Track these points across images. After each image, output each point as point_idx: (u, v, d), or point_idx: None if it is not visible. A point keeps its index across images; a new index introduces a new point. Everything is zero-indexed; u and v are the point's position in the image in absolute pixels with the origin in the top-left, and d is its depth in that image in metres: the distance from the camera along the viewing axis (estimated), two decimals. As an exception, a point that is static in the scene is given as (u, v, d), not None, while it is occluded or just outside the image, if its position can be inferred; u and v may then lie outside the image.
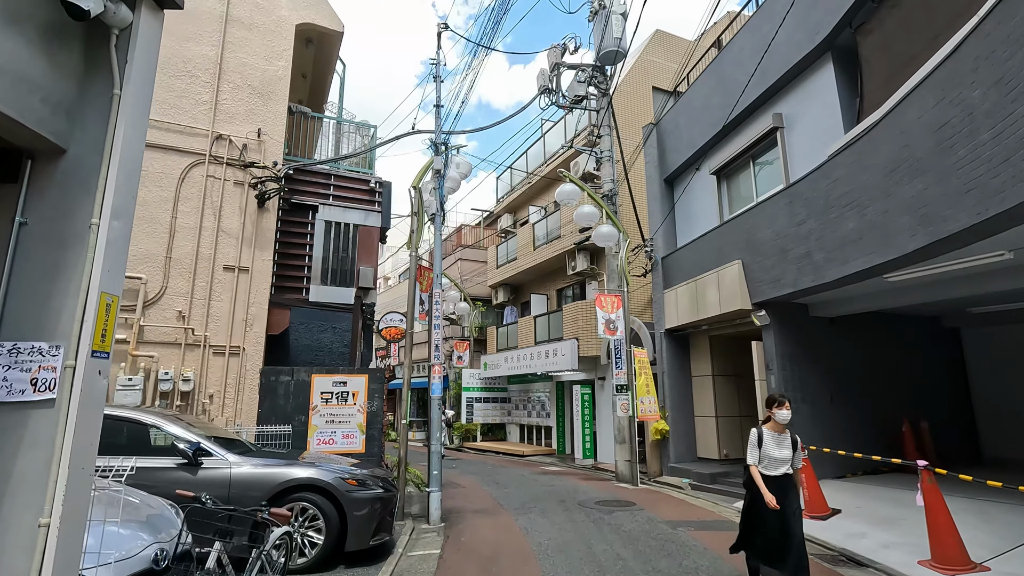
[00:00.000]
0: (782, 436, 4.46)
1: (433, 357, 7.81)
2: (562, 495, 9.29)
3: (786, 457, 4.41)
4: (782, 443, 4.43)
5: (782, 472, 4.39)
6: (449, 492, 9.68)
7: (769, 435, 4.46)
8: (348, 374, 7.66)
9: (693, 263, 10.89)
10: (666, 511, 7.87)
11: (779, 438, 4.45)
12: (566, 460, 14.94)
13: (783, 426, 4.48)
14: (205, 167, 8.61)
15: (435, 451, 7.47)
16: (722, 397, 11.08)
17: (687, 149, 11.40)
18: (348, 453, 7.45)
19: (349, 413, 7.57)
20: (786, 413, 4.44)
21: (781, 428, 4.48)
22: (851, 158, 6.78)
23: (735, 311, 9.29)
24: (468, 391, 19.15)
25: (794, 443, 4.49)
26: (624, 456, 11.01)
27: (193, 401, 7.91)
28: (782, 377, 8.68)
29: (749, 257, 9.02)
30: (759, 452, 4.44)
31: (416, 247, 8.26)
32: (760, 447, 4.44)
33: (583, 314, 14.43)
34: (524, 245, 17.91)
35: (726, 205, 10.53)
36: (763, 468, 4.40)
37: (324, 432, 7.47)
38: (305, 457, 6.11)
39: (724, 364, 11.30)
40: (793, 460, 4.46)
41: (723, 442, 10.86)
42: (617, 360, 11.25)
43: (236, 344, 8.29)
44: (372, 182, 10.89)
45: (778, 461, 4.38)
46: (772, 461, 4.39)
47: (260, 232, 8.81)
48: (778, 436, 4.45)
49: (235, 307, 8.41)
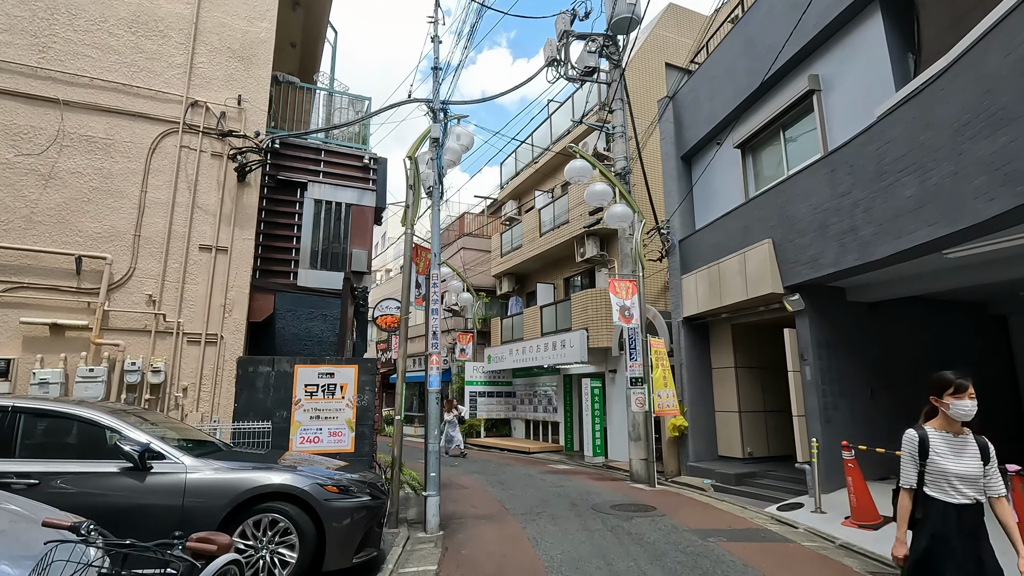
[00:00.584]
0: (961, 440, 2.88)
1: (431, 346, 6.99)
2: (573, 498, 8.48)
3: (972, 473, 2.80)
4: (962, 450, 2.86)
5: (968, 499, 2.79)
6: (450, 494, 8.89)
7: (939, 438, 2.90)
8: (335, 364, 6.86)
9: (714, 245, 10.02)
10: (691, 517, 7.04)
11: (956, 443, 2.88)
12: (574, 458, 14.14)
13: (960, 425, 2.91)
14: (178, 136, 7.79)
15: (433, 451, 6.66)
16: (746, 391, 10.23)
17: (707, 122, 10.50)
18: (335, 453, 6.66)
19: (337, 408, 6.77)
20: (969, 404, 2.83)
21: (958, 427, 2.91)
22: (909, 115, 5.89)
23: (764, 296, 8.43)
24: (471, 385, 18.36)
25: (983, 450, 2.86)
26: (639, 454, 10.18)
27: (164, 395, 7.12)
28: (819, 368, 7.82)
29: (781, 235, 8.15)
30: (922, 467, 2.90)
31: (412, 223, 7.43)
32: (924, 458, 2.89)
33: (593, 303, 13.59)
34: (529, 230, 17.06)
35: (752, 181, 9.64)
36: (935, 491, 2.85)
37: (308, 429, 6.67)
38: (285, 459, 5.32)
39: (748, 355, 10.44)
40: (987, 479, 2.82)
41: (747, 439, 10.01)
42: (631, 351, 10.41)
43: (213, 332, 7.50)
44: (366, 158, 10.05)
45: (959, 480, 2.80)
46: (948, 480, 2.82)
47: (240, 209, 8.00)
48: (954, 440, 2.88)
49: (212, 291, 7.60)
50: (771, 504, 7.76)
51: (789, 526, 6.57)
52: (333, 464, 5.43)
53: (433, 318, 7.07)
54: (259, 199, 8.44)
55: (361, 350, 9.70)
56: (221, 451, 5.10)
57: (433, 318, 7.07)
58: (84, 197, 7.25)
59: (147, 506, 4.12)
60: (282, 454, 5.72)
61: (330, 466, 5.25)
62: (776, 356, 10.84)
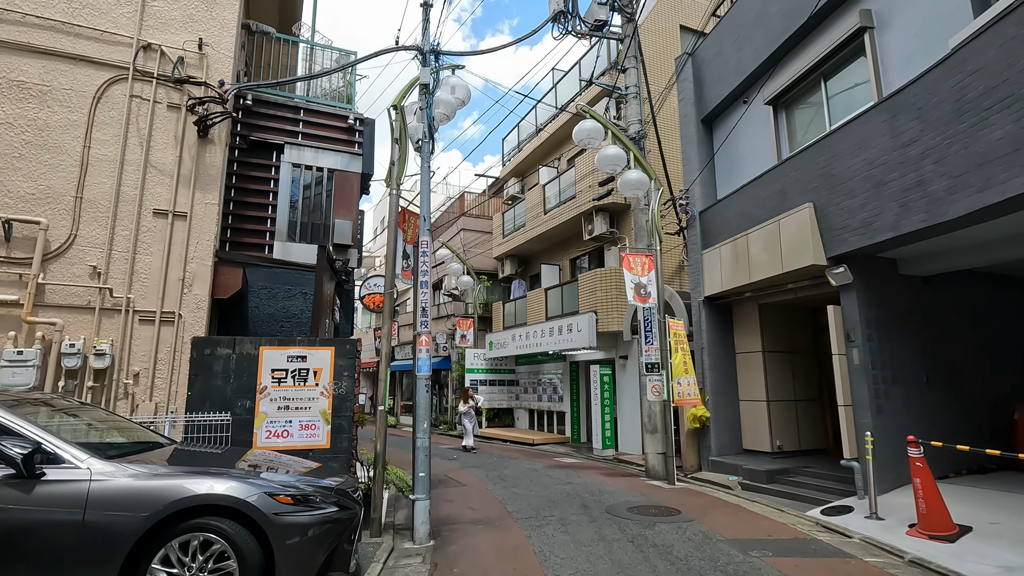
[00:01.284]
0: None
1: (419, 324, 5.98)
2: (584, 497, 7.50)
3: None
4: None
5: None
6: (445, 493, 7.93)
7: None
8: (308, 346, 5.85)
9: (740, 215, 8.94)
10: (724, 524, 6.05)
11: None
12: (582, 450, 13.18)
13: None
14: (128, 84, 6.74)
15: (422, 448, 5.67)
16: (775, 378, 9.20)
17: (733, 77, 9.37)
18: (308, 450, 5.68)
19: (309, 397, 5.78)
20: None
21: None
22: (1003, 36, 4.78)
23: (802, 269, 7.37)
24: (472, 373, 17.39)
25: None
26: (656, 448, 9.19)
27: (111, 382, 6.14)
28: (868, 350, 6.77)
29: (824, 198, 7.07)
30: None
31: (397, 183, 6.38)
32: None
33: (602, 284, 12.54)
34: (533, 207, 15.98)
35: (785, 140, 8.53)
36: None
37: (276, 422, 5.68)
38: (246, 460, 4.38)
39: (777, 338, 9.40)
40: None
41: (776, 432, 9.00)
42: (647, 334, 9.38)
43: (170, 310, 6.51)
44: (351, 119, 8.99)
45: None
46: None
47: (202, 169, 6.96)
48: None
49: (168, 263, 6.60)
50: (812, 506, 6.76)
51: (841, 535, 5.57)
52: (304, 466, 4.47)
53: (422, 292, 6.05)
54: (226, 160, 7.43)
55: (347, 333, 8.69)
56: (155, 451, 4.12)
57: (422, 292, 6.05)
58: (15, 152, 6.22)
59: (34, 524, 3.14)
60: (243, 453, 4.76)
61: (300, 469, 4.30)
62: (808, 339, 9.83)
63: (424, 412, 5.80)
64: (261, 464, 4.40)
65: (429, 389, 5.92)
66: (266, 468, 4.23)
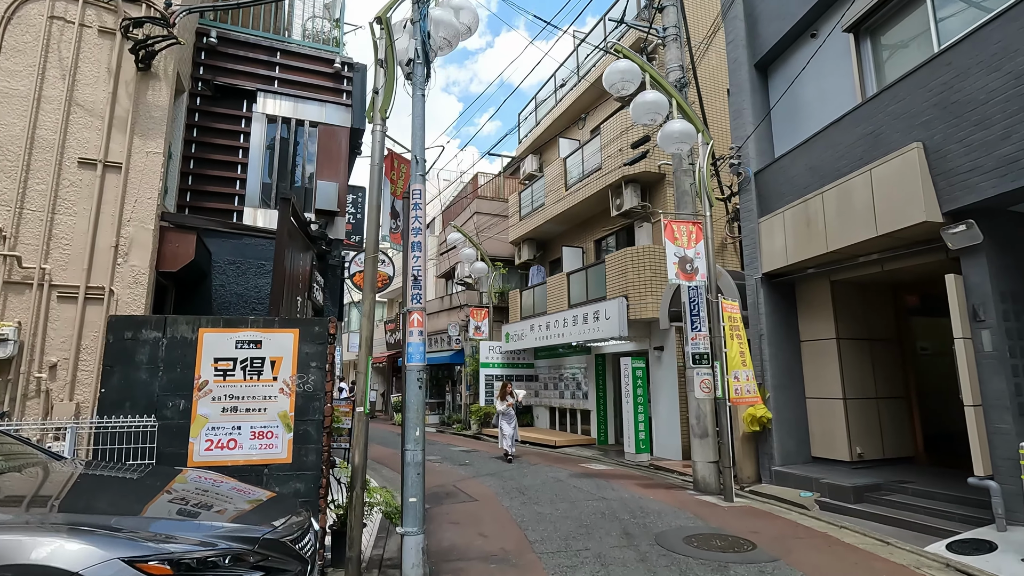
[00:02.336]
0: None
1: (410, 298, 4.51)
2: (624, 520, 5.98)
3: None
4: None
5: None
6: (451, 511, 6.47)
7: None
8: (264, 327, 4.42)
9: (811, 171, 7.31)
10: (822, 566, 4.48)
11: None
12: (609, 453, 11.64)
13: None
14: (46, 2, 5.37)
15: (413, 463, 4.20)
16: (852, 371, 7.55)
17: (798, 6, 7.71)
18: (261, 465, 4.25)
19: (265, 395, 4.35)
20: None
21: None
22: None
23: (906, 230, 5.72)
24: (487, 367, 15.93)
25: None
26: (707, 455, 7.62)
27: (18, 375, 4.78)
28: (1004, 332, 5.12)
29: (940, 134, 5.42)
30: None
31: (383, 116, 4.89)
32: None
33: (634, 264, 10.96)
34: (553, 181, 14.42)
35: (871, 73, 6.86)
36: None
37: (220, 428, 4.26)
38: (173, 489, 3.03)
39: (854, 323, 7.74)
40: None
41: (855, 436, 7.36)
42: (693, 318, 7.81)
43: (98, 284, 5.13)
44: (338, 62, 7.56)
45: None
46: None
47: (143, 110, 5.57)
48: None
49: (98, 225, 5.22)
50: (929, 537, 5.15)
51: (996, 588, 3.98)
52: (250, 499, 3.14)
53: (413, 256, 4.57)
54: (168, 96, 6.03)
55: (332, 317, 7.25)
56: (20, 479, 2.74)
57: (413, 256, 4.57)
58: None
59: None
60: (170, 477, 3.38)
61: (242, 505, 2.98)
62: (890, 324, 8.14)
63: (417, 415, 4.33)
64: (190, 498, 3.04)
65: (424, 385, 4.45)
66: (197, 500, 2.88)
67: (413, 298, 4.49)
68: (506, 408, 10.92)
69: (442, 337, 18.76)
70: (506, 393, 11.19)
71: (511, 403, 10.99)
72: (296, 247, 5.41)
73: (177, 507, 2.96)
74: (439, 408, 20.63)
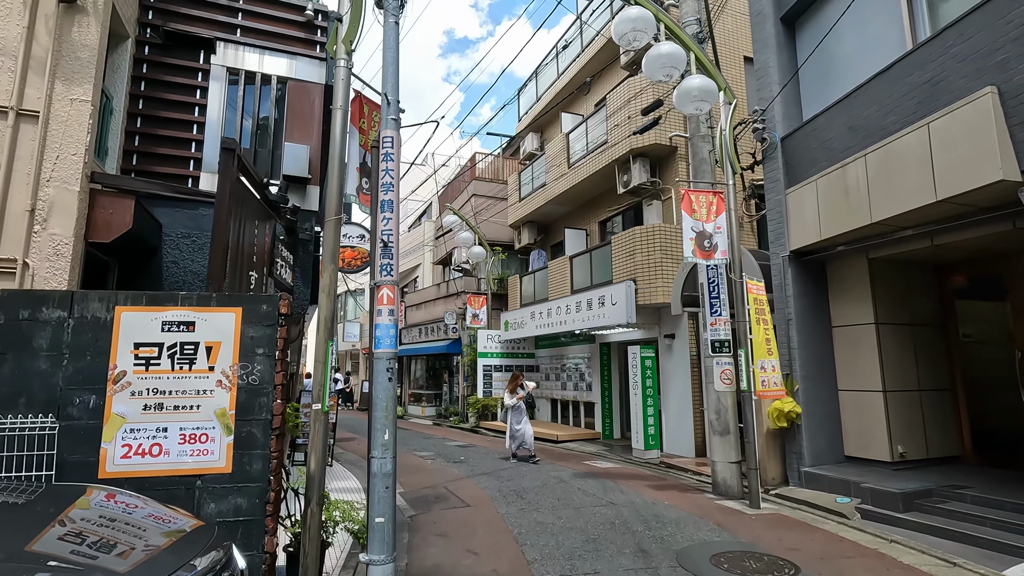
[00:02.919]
0: None
1: (378, 268, 3.65)
2: (638, 532, 5.15)
3: None
4: None
5: None
6: (439, 519, 5.64)
7: None
8: (198, 306, 3.57)
9: (851, 131, 6.41)
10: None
11: None
12: (615, 449, 10.83)
13: None
14: (-55, -84, 4.47)
15: (380, 472, 3.37)
16: (893, 360, 6.69)
17: (835, -55, 6.76)
18: (194, 475, 3.42)
19: (198, 388, 3.50)
20: None
21: None
22: None
23: (976, 192, 4.82)
24: (485, 357, 15.11)
25: None
26: (727, 455, 6.78)
27: (-96, 365, 3.93)
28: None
29: (1021, 75, 4.51)
30: None
31: (349, 48, 3.99)
32: None
33: (643, 244, 10.07)
34: (555, 157, 13.48)
35: (923, 14, 5.92)
36: None
37: (141, 430, 3.42)
38: (70, 518, 2.35)
39: (896, 306, 6.87)
40: None
41: (896, 434, 6.51)
42: (712, 300, 6.95)
43: (9, 256, 4.29)
44: (310, 9, 6.66)
45: None
46: None
47: (67, 50, 4.68)
48: None
49: (9, 185, 4.37)
50: (1004, 556, 4.33)
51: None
52: (167, 529, 2.49)
53: (384, 219, 3.69)
54: (103, 43, 5.15)
55: (303, 300, 6.41)
56: None
57: (384, 219, 3.69)
58: None
59: None
60: (68, 501, 2.57)
61: (156, 540, 2.37)
62: (934, 308, 7.27)
63: (386, 414, 3.49)
64: (88, 533, 2.26)
65: (394, 376, 3.59)
66: (91, 544, 2.11)
67: (382, 269, 3.63)
68: (516, 402, 9.57)
69: (438, 326, 17.93)
70: (517, 384, 9.80)
71: (521, 396, 9.65)
72: (249, 212, 4.54)
73: (70, 547, 2.13)
74: (435, 400, 19.85)
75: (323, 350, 3.67)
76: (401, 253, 22.04)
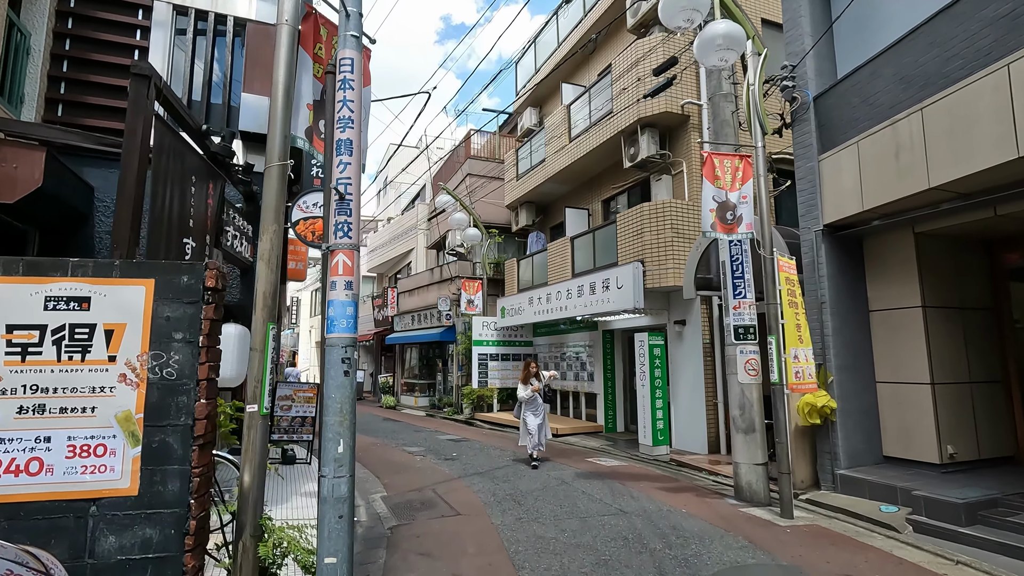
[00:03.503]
0: None
1: (333, 228, 2.79)
2: (656, 551, 4.35)
3: None
4: None
5: None
6: (423, 531, 4.80)
7: None
8: (95, 277, 2.72)
9: (901, 82, 5.54)
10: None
11: None
12: (620, 444, 10.05)
13: None
14: None
15: (331, 497, 2.53)
16: (941, 349, 5.88)
17: None
18: (88, 499, 2.58)
19: (93, 385, 2.67)
20: None
21: None
22: None
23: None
24: (480, 345, 14.30)
25: None
26: (753, 456, 5.98)
27: None
28: None
29: None
30: None
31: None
32: None
33: (652, 222, 9.21)
34: (555, 127, 12.55)
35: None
36: None
37: (13, 439, 2.59)
38: None
39: (945, 287, 6.05)
40: None
41: (946, 432, 5.72)
42: (735, 280, 6.13)
43: None
44: (272, -61, 5.69)
45: None
46: None
47: (-46, -37, 3.75)
48: None
49: None
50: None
51: None
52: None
53: (340, 164, 2.83)
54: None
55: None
56: None
57: (340, 164, 2.83)
58: None
59: None
60: None
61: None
62: (984, 290, 6.45)
63: (340, 419, 2.64)
64: None
65: (353, 368, 2.74)
66: None
67: (338, 228, 2.77)
68: (531, 394, 8.15)
69: (432, 312, 17.09)
70: (531, 374, 8.27)
71: (537, 388, 8.20)
72: (182, 165, 3.66)
73: None
74: (429, 390, 19.06)
75: (261, 336, 2.82)
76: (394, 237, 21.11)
